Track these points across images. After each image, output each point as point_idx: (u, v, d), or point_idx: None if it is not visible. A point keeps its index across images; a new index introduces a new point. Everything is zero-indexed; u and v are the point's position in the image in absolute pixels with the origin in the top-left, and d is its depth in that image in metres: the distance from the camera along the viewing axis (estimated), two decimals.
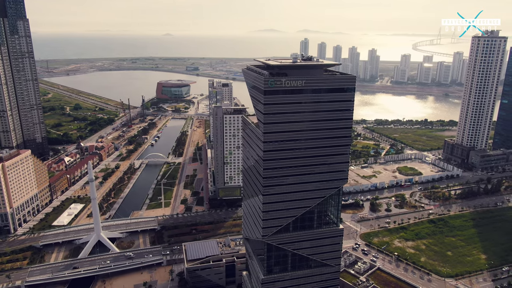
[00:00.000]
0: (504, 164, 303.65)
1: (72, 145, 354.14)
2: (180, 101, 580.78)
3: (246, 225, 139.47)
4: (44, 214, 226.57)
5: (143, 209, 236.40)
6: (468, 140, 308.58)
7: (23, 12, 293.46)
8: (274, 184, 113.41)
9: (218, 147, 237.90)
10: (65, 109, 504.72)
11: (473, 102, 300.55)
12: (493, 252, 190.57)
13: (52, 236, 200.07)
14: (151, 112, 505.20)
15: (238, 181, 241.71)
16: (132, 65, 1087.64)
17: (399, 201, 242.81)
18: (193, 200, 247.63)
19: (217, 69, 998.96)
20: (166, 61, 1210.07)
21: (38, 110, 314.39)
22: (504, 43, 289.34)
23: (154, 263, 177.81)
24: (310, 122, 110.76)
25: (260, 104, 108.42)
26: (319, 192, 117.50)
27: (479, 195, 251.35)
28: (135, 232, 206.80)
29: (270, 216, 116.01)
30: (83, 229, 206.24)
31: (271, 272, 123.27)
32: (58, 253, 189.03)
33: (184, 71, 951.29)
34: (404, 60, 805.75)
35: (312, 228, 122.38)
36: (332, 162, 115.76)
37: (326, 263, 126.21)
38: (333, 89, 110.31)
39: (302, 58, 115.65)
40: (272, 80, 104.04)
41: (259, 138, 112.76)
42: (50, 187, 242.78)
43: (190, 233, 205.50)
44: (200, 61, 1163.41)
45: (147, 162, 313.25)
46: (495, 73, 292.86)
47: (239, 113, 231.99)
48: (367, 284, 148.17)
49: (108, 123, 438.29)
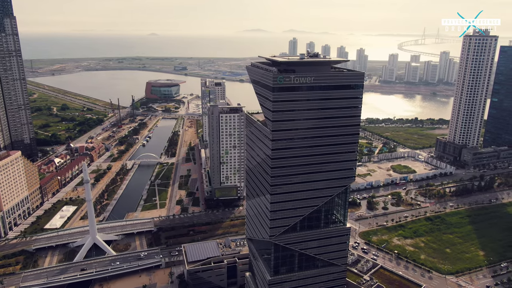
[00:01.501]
0: (496, 162, 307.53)
1: (61, 146, 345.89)
2: (170, 101, 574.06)
3: (251, 226, 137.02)
4: (36, 217, 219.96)
5: (138, 210, 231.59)
6: (460, 138, 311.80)
7: (10, 9, 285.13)
8: (282, 183, 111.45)
9: (214, 147, 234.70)
10: (52, 109, 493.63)
11: (465, 101, 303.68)
12: (491, 249, 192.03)
13: (45, 240, 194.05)
14: (141, 112, 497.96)
15: (235, 181, 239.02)
16: (119, 65, 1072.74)
17: (395, 199, 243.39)
18: (189, 200, 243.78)
19: (205, 69, 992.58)
20: (154, 60, 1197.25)
21: (26, 110, 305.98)
22: (495, 42, 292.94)
23: (153, 265, 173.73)
24: (318, 119, 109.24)
25: (268, 101, 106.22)
26: (327, 190, 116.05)
27: (473, 192, 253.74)
28: (131, 234, 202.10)
29: (277, 216, 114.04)
30: (77, 231, 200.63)
31: (278, 272, 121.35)
32: (52, 257, 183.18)
33: (172, 71, 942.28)
34: (392, 60, 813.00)
35: (319, 228, 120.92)
36: (340, 160, 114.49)
37: (332, 263, 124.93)
38: (341, 86, 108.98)
39: (308, 55, 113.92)
40: (281, 76, 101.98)
41: (267, 136, 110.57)
42: (41, 189, 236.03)
43: (187, 234, 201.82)
44: (187, 61, 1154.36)
45: (140, 163, 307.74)
46: (486, 71, 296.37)
47: (235, 112, 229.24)
48: (371, 283, 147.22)
49: (98, 124, 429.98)
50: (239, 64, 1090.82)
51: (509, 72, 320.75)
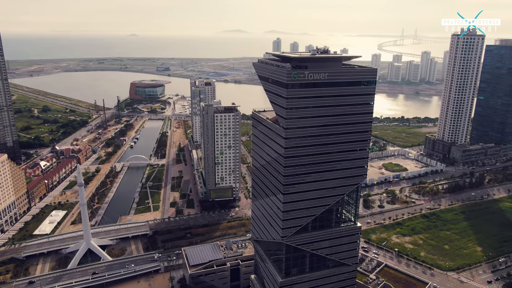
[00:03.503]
0: (484, 158, 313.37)
1: (45, 148, 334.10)
2: (155, 102, 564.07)
3: (258, 227, 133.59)
4: (23, 223, 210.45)
5: (131, 213, 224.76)
6: (449, 136, 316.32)
7: None
8: (295, 182, 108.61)
9: (209, 147, 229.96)
10: (33, 111, 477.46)
11: (454, 99, 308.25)
12: (488, 244, 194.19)
13: (36, 246, 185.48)
14: (126, 113, 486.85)
15: (230, 182, 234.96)
16: (100, 66, 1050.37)
17: (390, 197, 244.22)
18: (183, 202, 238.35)
19: (188, 69, 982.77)
20: (135, 61, 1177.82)
21: (9, 111, 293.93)
22: (482, 41, 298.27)
23: (151, 270, 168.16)
24: (332, 116, 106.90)
25: (281, 98, 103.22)
26: (339, 189, 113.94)
27: (464, 188, 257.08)
28: (126, 239, 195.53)
29: (290, 216, 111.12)
30: (69, 237, 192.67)
31: (289, 274, 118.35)
32: (44, 265, 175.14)
33: (155, 72, 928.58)
34: (375, 60, 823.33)
35: (330, 227, 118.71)
36: (352, 158, 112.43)
37: (343, 263, 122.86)
38: (354, 82, 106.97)
39: (319, 51, 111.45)
40: (295, 72, 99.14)
41: (279, 135, 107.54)
42: (28, 194, 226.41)
43: (185, 237, 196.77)
44: (170, 62, 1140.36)
45: (129, 165, 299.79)
46: (473, 70, 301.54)
47: (230, 111, 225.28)
48: (378, 281, 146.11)
49: (82, 125, 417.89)
50: (223, 65, 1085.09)
51: (494, 71, 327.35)
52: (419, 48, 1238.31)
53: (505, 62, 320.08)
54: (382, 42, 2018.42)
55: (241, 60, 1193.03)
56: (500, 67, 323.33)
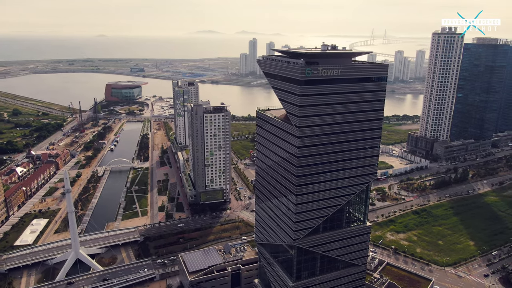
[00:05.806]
0: (464, 154, 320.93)
1: (19, 153, 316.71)
2: (133, 103, 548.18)
3: (263, 230, 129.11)
4: (3, 234, 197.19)
5: (118, 219, 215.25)
6: (432, 133, 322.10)
7: None
8: (308, 183, 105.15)
9: (198, 148, 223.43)
10: (3, 114, 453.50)
11: (435, 96, 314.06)
12: (479, 238, 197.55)
13: (18, 258, 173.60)
14: (103, 116, 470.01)
15: (220, 184, 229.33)
16: (70, 67, 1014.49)
17: (380, 194, 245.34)
18: (172, 206, 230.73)
19: (163, 70, 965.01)
20: (107, 62, 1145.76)
21: None
22: (461, 40, 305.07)
23: (147, 278, 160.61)
24: (344, 114, 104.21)
25: (294, 95, 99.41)
26: (350, 188, 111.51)
27: (450, 184, 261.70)
28: (116, 246, 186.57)
29: (302, 217, 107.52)
30: (54, 246, 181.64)
31: (300, 278, 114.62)
32: (28, 277, 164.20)
33: (129, 73, 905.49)
34: None
35: (341, 227, 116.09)
36: (364, 156, 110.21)
37: (353, 263, 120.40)
38: (365, 79, 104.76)
39: (327, 47, 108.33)
40: (309, 69, 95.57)
41: (290, 133, 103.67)
42: (6, 202, 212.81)
43: (178, 242, 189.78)
44: (143, 62, 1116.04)
45: (111, 169, 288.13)
46: (454, 68, 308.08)
47: (220, 111, 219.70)
48: (382, 280, 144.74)
49: (57, 129, 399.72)
50: (198, 65, 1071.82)
51: (472, 68, 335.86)
52: (389, 48, 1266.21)
53: (482, 60, 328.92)
54: (353, 42, 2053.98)
55: (216, 60, 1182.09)
56: (478, 65, 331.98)
